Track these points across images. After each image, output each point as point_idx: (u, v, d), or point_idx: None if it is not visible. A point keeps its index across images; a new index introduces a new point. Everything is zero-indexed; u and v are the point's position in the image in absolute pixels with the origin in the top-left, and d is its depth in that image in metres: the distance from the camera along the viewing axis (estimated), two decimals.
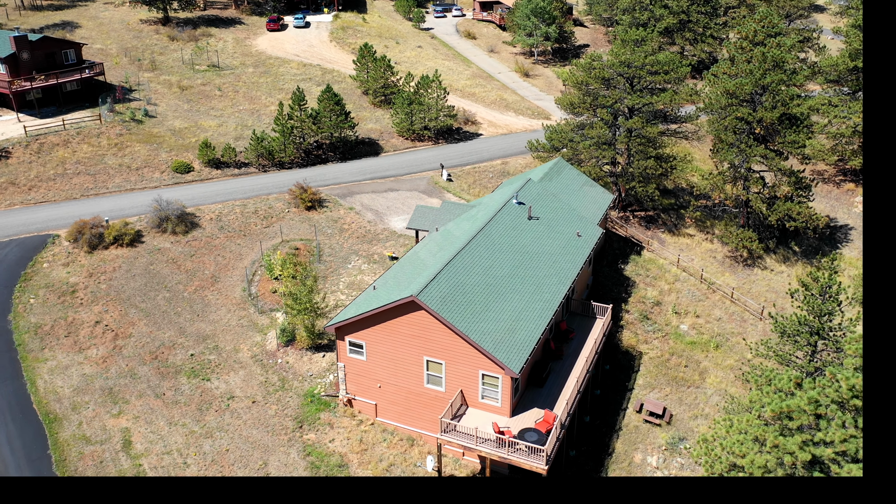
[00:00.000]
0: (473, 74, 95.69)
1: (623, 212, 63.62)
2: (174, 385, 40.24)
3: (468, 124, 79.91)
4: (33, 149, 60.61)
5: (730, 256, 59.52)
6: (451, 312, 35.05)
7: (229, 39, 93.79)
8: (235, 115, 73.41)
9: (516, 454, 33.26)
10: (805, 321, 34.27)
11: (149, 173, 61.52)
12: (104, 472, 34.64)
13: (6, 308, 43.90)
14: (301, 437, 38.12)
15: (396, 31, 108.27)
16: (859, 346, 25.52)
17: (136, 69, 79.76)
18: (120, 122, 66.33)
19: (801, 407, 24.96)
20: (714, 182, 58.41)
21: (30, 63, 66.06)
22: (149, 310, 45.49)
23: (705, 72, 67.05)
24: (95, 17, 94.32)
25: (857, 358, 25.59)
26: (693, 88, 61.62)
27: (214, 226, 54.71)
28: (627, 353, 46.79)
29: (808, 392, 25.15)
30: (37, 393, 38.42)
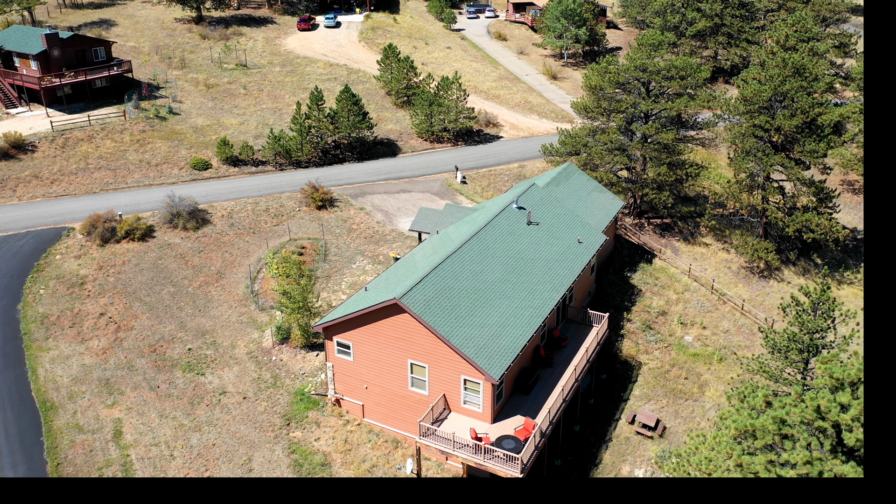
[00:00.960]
0: (500, 76, 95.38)
1: (638, 219, 62.69)
2: (169, 378, 41.11)
3: (489, 126, 79.72)
4: (58, 143, 62.54)
5: (745, 267, 58.17)
6: (433, 316, 35.05)
7: (259, 38, 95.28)
8: (257, 114, 74.56)
9: (492, 461, 33.09)
10: (795, 337, 33.32)
11: (167, 169, 62.92)
12: (93, 461, 35.60)
13: (17, 297, 45.43)
14: (287, 434, 38.57)
15: (427, 32, 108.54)
16: (830, 367, 24.74)
17: (166, 67, 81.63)
18: (144, 119, 68.00)
19: (766, 426, 24.30)
20: (730, 191, 57.14)
21: (60, 60, 68.15)
22: (153, 303, 46.56)
23: (735, 77, 65.66)
24: (132, 16, 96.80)
25: (828, 378, 24.81)
26: (711, 94, 60.29)
27: (225, 223, 55.68)
28: (626, 363, 46.12)
29: (774, 411, 24.48)
30: (37, 381, 39.67)
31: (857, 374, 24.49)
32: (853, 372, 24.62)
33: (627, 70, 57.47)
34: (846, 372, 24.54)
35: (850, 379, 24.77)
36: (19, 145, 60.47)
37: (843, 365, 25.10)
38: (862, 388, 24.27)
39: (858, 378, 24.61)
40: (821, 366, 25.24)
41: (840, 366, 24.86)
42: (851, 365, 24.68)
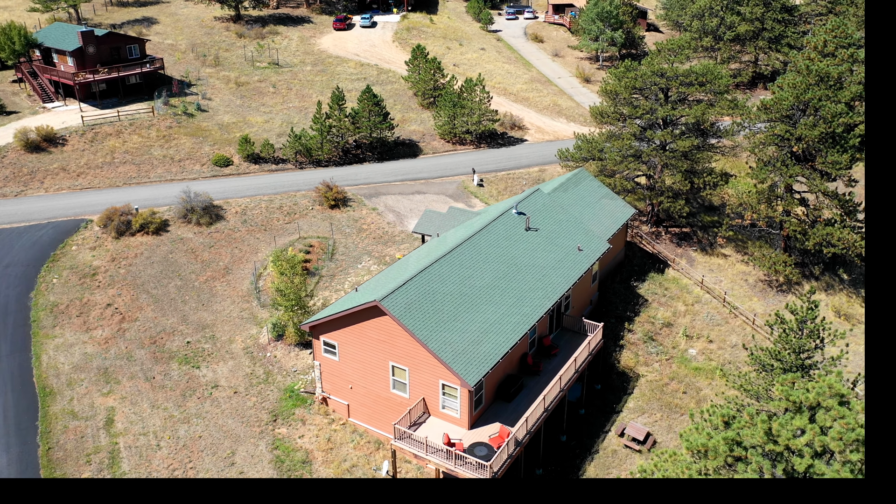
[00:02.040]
0: (531, 79, 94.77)
1: (656, 227, 61.54)
2: (165, 370, 42.21)
3: (514, 129, 79.34)
4: (88, 138, 64.76)
5: (764, 281, 56.56)
6: (413, 320, 35.14)
7: (294, 38, 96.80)
8: (283, 112, 75.79)
9: (462, 467, 33.02)
10: (779, 356, 32.31)
11: (190, 165, 64.52)
12: (82, 447, 36.83)
13: (31, 285, 47.26)
14: (273, 430, 39.19)
15: (462, 33, 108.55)
16: (786, 389, 23.92)
17: (200, 65, 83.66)
18: (171, 115, 69.86)
19: (718, 446, 23.66)
20: (748, 201, 55.59)
21: (95, 57, 70.52)
22: (159, 296, 47.85)
23: (770, 84, 63.88)
24: (174, 14, 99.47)
25: (784, 401, 24.00)
26: (733, 101, 58.70)
27: (238, 219, 56.82)
28: (623, 374, 45.38)
29: (727, 432, 23.82)
30: (39, 367, 41.23)
31: (817, 398, 23.64)
32: (812, 396, 23.78)
33: (645, 75, 56.46)
34: (805, 395, 23.72)
35: (809, 402, 23.93)
36: (50, 138, 62.83)
37: (805, 386, 24.27)
38: (821, 412, 23.42)
39: (818, 402, 23.76)
40: (779, 387, 24.47)
41: (799, 388, 24.03)
42: (812, 388, 23.84)
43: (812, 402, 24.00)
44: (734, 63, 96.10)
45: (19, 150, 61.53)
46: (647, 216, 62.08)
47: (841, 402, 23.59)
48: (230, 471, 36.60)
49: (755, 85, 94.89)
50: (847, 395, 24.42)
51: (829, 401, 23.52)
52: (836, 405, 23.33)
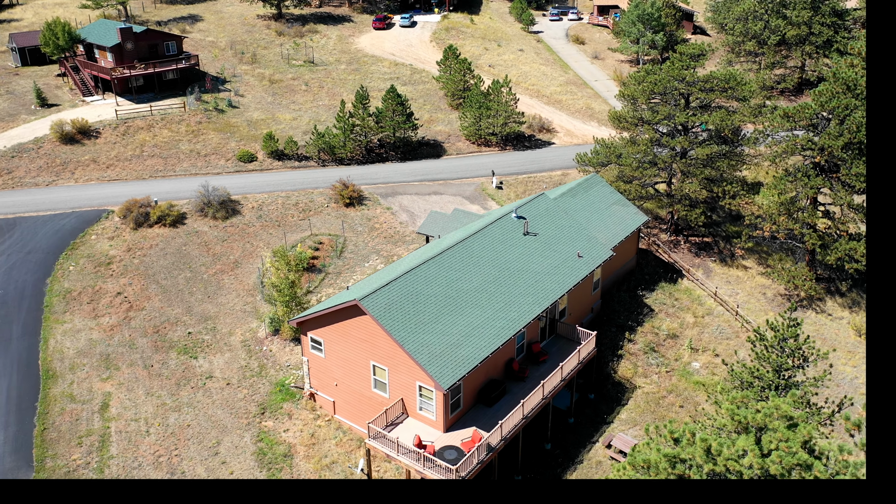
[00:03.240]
0: (567, 81, 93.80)
1: (675, 235, 60.18)
2: (163, 359, 43.49)
3: (542, 132, 78.70)
4: (120, 131, 67.11)
5: (783, 295, 54.71)
6: (392, 320, 35.33)
7: (333, 36, 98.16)
8: (312, 110, 76.98)
9: (430, 470, 33.05)
10: (758, 373, 31.28)
11: (215, 160, 66.19)
12: (75, 430, 38.29)
13: (48, 272, 49.32)
14: (260, 423, 39.97)
15: (502, 34, 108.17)
16: (732, 407, 23.16)
17: (237, 62, 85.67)
18: (202, 111, 71.77)
19: (660, 463, 23.08)
20: (768, 212, 53.84)
21: (133, 52, 73.03)
22: (167, 287, 49.29)
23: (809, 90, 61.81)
24: (219, 12, 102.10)
25: (730, 420, 23.25)
26: (758, 108, 56.88)
27: (254, 214, 58.04)
28: (619, 385, 44.60)
29: (670, 448, 23.23)
30: (46, 350, 43.03)
31: (764, 420, 22.85)
32: (759, 416, 22.99)
33: (664, 80, 55.26)
34: (753, 416, 22.96)
35: (757, 423, 23.14)
36: (85, 131, 65.37)
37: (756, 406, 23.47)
38: (768, 433, 22.60)
39: (765, 423, 22.95)
40: (726, 406, 23.75)
41: (749, 408, 23.26)
42: (762, 408, 23.03)
43: (760, 423, 23.21)
44: (779, 69, 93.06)
45: (55, 142, 64.22)
46: (666, 224, 60.80)
47: (790, 426, 22.75)
48: (213, 460, 37.50)
49: (801, 92, 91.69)
50: (797, 418, 23.54)
51: (776, 422, 22.72)
52: (782, 427, 22.51)
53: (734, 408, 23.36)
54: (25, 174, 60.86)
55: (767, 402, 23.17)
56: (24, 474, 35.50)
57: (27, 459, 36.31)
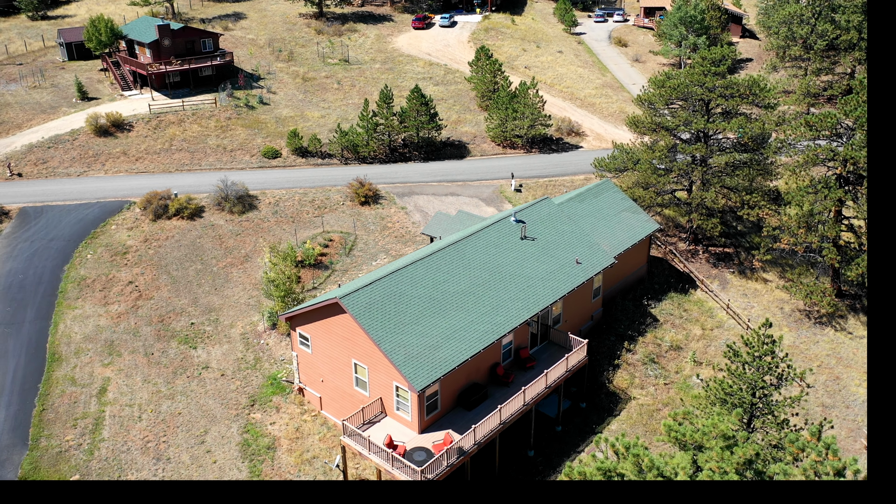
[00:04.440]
0: (603, 84, 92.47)
1: (694, 245, 58.74)
2: (164, 348, 44.81)
3: (570, 135, 77.81)
4: (152, 125, 69.33)
5: (802, 310, 52.82)
6: (371, 319, 35.59)
7: (371, 35, 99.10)
8: (341, 108, 77.93)
9: (398, 470, 33.19)
10: (730, 391, 30.33)
11: (240, 156, 67.73)
12: (72, 412, 39.84)
13: (67, 259, 51.37)
14: (248, 414, 40.81)
15: (543, 35, 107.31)
16: (671, 424, 22.55)
17: (274, 59, 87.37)
18: (233, 107, 73.51)
19: (593, 476, 22.65)
20: (788, 224, 52.04)
21: (170, 49, 75.30)
22: (177, 278, 50.74)
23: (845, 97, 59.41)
24: (263, 10, 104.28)
25: (666, 436, 22.63)
26: (781, 117, 55.03)
27: (270, 209, 59.18)
28: (613, 395, 43.82)
29: (599, 462, 22.79)
30: (54, 334, 44.87)
31: (701, 438, 22.18)
32: (698, 435, 22.34)
33: (683, 85, 53.96)
34: (690, 434, 22.33)
35: (695, 441, 22.50)
36: (119, 124, 67.77)
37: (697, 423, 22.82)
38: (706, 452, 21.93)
39: (702, 442, 22.28)
40: (665, 422, 23.15)
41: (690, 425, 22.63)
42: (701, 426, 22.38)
43: (698, 441, 22.56)
44: (826, 75, 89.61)
45: (89, 134, 66.77)
46: (687, 232, 59.40)
47: (727, 446, 22.04)
48: (199, 449, 38.49)
49: None
50: (737, 437, 22.78)
51: (713, 441, 22.05)
52: (718, 447, 21.83)
53: (673, 424, 22.78)
54: (59, 164, 63.51)
55: (706, 420, 22.51)
56: (18, 452, 37.14)
57: (23, 438, 37.97)
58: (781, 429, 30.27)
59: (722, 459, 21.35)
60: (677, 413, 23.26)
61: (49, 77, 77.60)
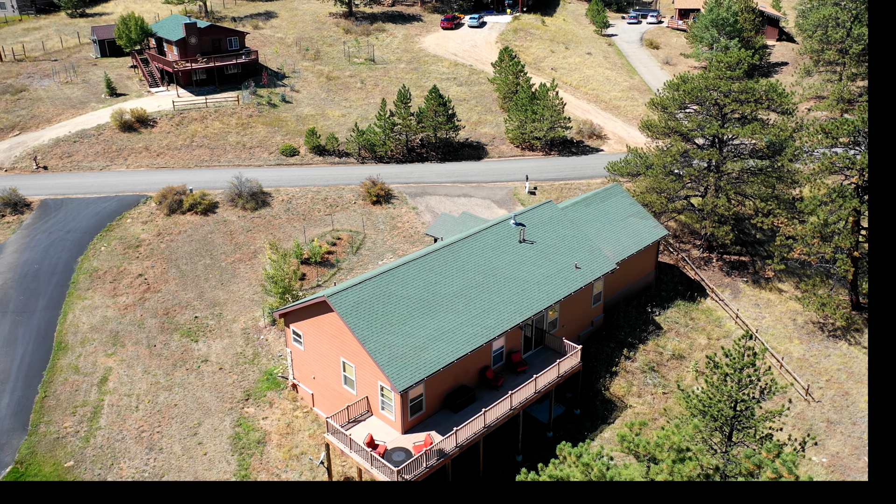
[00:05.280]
0: (630, 87, 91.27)
1: (708, 252, 57.60)
2: (166, 340, 45.75)
3: (591, 138, 77.03)
4: (175, 121, 70.82)
5: (816, 322, 51.40)
6: (358, 318, 35.79)
7: (399, 35, 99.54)
8: (362, 108, 78.47)
9: (376, 469, 33.33)
10: (709, 404, 29.66)
11: (259, 153, 68.74)
12: (73, 399, 40.96)
13: (81, 250, 52.82)
14: (242, 408, 41.42)
15: (572, 36, 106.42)
16: (625, 434, 22.17)
17: (300, 58, 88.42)
18: (255, 105, 74.63)
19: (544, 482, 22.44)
20: (801, 234, 50.68)
21: (196, 47, 76.80)
22: (186, 272, 51.75)
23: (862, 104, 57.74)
24: (294, 9, 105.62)
25: (619, 445, 22.25)
26: (798, 123, 53.53)
27: (282, 207, 59.93)
28: (609, 403, 43.26)
29: (548, 470, 22.55)
30: (63, 324, 46.18)
31: (654, 450, 21.78)
32: (651, 446, 21.93)
33: (696, 89, 52.95)
34: (644, 445, 21.96)
35: (648, 452, 22.10)
36: (143, 120, 69.40)
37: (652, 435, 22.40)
38: (658, 464, 21.53)
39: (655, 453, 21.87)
40: (619, 432, 22.79)
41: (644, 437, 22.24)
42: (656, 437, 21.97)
43: (651, 453, 22.16)
44: (861, 80, 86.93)
45: (114, 129, 68.53)
46: (701, 239, 58.28)
47: (680, 458, 21.61)
48: (191, 440, 39.20)
49: None
50: (693, 451, 22.31)
51: (665, 454, 21.64)
52: (669, 459, 21.42)
53: (628, 434, 22.43)
54: (83, 158, 65.32)
55: (660, 432, 22.12)
56: (17, 437, 38.34)
57: (24, 423, 39.19)
58: (762, 444, 29.47)
59: (672, 472, 20.95)
60: (633, 423, 22.86)
61: (81, 73, 79.85)
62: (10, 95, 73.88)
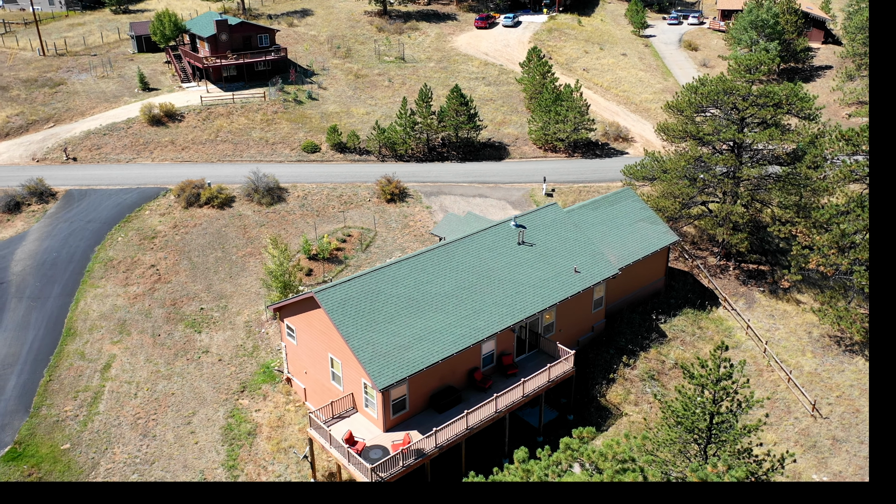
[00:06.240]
0: (663, 89, 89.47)
1: (725, 260, 56.16)
2: (171, 330, 46.78)
3: (617, 140, 75.88)
4: (202, 116, 72.32)
5: (832, 336, 49.68)
6: (344, 316, 35.98)
7: (432, 34, 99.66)
8: (388, 106, 78.83)
9: (352, 466, 33.47)
10: (682, 415, 28.91)
11: (281, 149, 69.70)
12: (75, 384, 42.23)
13: (99, 240, 54.38)
14: (237, 400, 42.08)
15: (609, 37, 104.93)
16: (572, 441, 21.73)
17: (331, 55, 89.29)
18: (280, 101, 75.69)
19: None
20: (818, 244, 48.98)
21: (227, 43, 78.28)
22: (197, 264, 52.81)
23: None
24: (330, 7, 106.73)
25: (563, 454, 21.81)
26: (820, 130, 51.64)
27: (298, 203, 60.65)
28: (604, 410, 42.54)
29: (493, 476, 22.27)
30: (74, 310, 47.63)
31: (598, 459, 21.32)
32: (595, 455, 21.47)
33: (713, 92, 51.63)
34: (588, 453, 21.53)
35: (593, 461, 21.64)
36: (171, 114, 71.09)
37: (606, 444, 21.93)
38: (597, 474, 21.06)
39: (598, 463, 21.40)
40: (566, 440, 22.37)
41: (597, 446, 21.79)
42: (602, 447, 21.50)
43: (595, 462, 21.70)
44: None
45: (143, 123, 70.35)
46: (719, 247, 56.84)
47: (622, 469, 21.10)
48: (184, 429, 40.01)
49: None
50: (638, 462, 21.75)
51: (607, 464, 21.17)
52: (610, 470, 20.94)
53: (572, 441, 22.02)
54: (111, 151, 67.25)
55: (605, 442, 21.65)
56: (19, 418, 39.72)
57: (27, 405, 40.57)
58: (738, 458, 28.63)
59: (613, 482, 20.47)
60: (582, 430, 22.44)
61: (117, 68, 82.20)
62: (48, 88, 76.55)
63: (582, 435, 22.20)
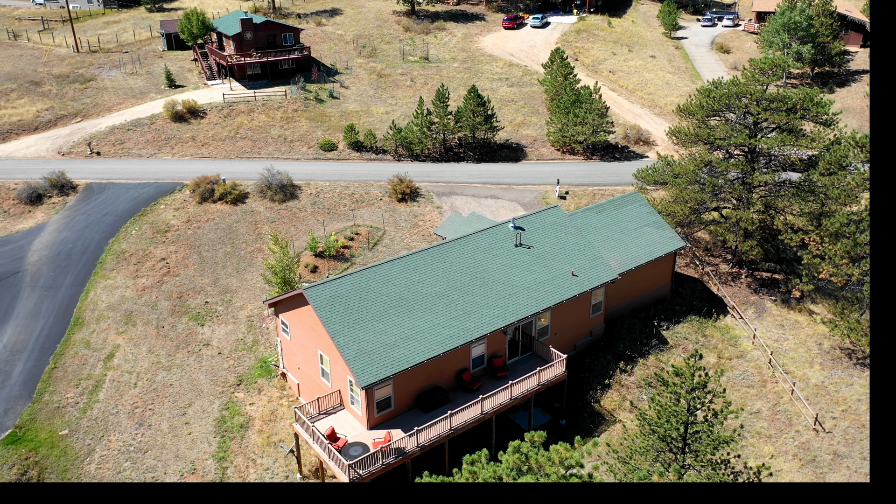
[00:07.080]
0: (690, 92, 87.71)
1: (737, 267, 55.02)
2: (175, 322, 47.71)
3: (638, 143, 74.92)
4: (223, 113, 73.58)
5: (843, 348, 48.28)
6: (331, 312, 36.28)
7: (459, 34, 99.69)
8: (407, 105, 79.11)
9: (332, 462, 33.72)
10: (656, 424, 28.42)
11: (298, 147, 70.50)
12: (78, 372, 43.39)
13: (114, 232, 55.75)
14: (233, 393, 42.75)
15: (638, 38, 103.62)
16: (516, 444, 21.54)
17: (356, 55, 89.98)
18: (301, 100, 76.56)
19: None
20: (829, 253, 47.65)
21: (251, 42, 79.50)
22: (206, 258, 53.76)
23: None
24: (360, 7, 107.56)
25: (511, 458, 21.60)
26: (837, 136, 50.16)
27: (310, 200, 61.29)
28: (598, 416, 42.07)
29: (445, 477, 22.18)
30: (83, 300, 48.93)
31: (546, 463, 21.12)
32: (543, 459, 21.26)
33: (724, 96, 50.59)
34: (535, 458, 21.34)
35: (540, 466, 21.43)
36: (193, 111, 72.50)
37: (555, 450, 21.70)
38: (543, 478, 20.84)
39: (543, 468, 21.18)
40: (513, 444, 22.20)
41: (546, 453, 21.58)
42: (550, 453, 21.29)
43: (542, 465, 21.49)
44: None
45: (166, 119, 71.89)
46: (732, 254, 55.70)
47: (568, 474, 20.89)
48: (178, 420, 40.79)
49: None
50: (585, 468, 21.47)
51: (552, 468, 20.96)
52: (555, 475, 20.73)
53: (522, 445, 21.86)
54: (134, 146, 68.87)
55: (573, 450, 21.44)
56: (22, 403, 40.97)
57: (30, 391, 41.83)
58: (713, 469, 28.05)
59: None
60: (533, 434, 22.25)
61: (146, 65, 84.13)
62: (78, 84, 78.76)
63: (533, 439, 22.00)
